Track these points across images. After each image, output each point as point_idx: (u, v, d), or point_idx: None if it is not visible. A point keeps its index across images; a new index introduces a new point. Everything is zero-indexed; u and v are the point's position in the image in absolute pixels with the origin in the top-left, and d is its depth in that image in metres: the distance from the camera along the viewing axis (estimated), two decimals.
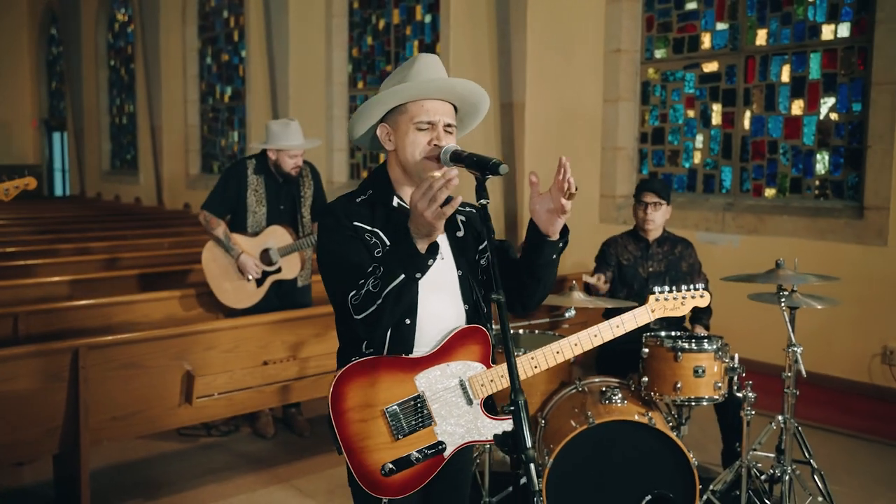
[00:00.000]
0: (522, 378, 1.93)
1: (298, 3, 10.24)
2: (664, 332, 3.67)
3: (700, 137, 6.58)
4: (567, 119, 7.20)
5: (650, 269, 4.07)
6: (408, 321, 1.97)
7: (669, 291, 2.29)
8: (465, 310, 2.05)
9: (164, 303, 4.79)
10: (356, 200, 2.04)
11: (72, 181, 17.42)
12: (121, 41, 15.32)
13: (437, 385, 1.98)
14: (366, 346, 1.99)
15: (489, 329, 2.06)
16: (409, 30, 9.19)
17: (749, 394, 3.47)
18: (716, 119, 6.47)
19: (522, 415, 1.68)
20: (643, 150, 6.97)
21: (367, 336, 1.95)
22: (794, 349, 3.45)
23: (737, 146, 6.33)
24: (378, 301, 1.83)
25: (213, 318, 4.93)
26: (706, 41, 6.51)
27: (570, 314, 3.64)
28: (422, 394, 1.97)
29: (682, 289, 2.31)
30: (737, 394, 3.55)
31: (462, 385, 2.00)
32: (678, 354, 3.45)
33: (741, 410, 3.54)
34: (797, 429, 3.66)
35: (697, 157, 6.62)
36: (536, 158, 7.32)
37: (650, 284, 4.05)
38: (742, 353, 3.62)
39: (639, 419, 3.32)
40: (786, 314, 3.49)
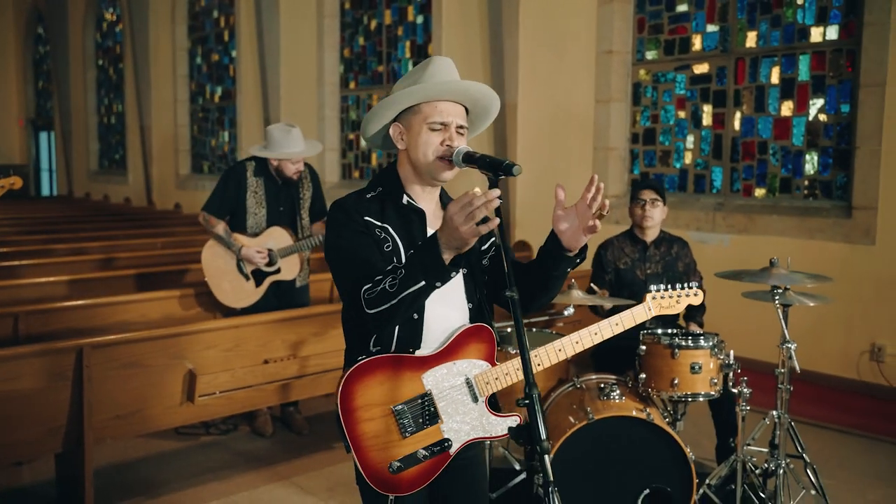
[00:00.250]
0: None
1: (289, 4, 10.25)
2: (661, 330, 3.72)
3: (691, 138, 6.67)
4: (559, 119, 7.26)
5: (648, 272, 4.11)
6: (415, 315, 2.01)
7: (665, 290, 2.37)
8: (469, 308, 2.09)
9: (163, 302, 4.81)
10: (366, 196, 2.08)
11: (59, 181, 17.33)
12: (109, 41, 15.26)
13: (444, 383, 2.02)
14: (373, 344, 2.02)
15: (493, 327, 2.10)
16: (401, 30, 9.22)
17: (744, 389, 3.54)
18: (706, 120, 6.55)
19: (537, 408, 1.73)
20: (634, 151, 7.04)
21: (377, 330, 1.97)
22: (788, 346, 3.52)
23: (727, 147, 6.41)
24: (393, 301, 1.86)
25: (212, 318, 4.96)
26: (697, 43, 6.60)
27: (569, 312, 3.69)
28: (429, 392, 2.01)
29: (677, 287, 2.41)
30: (732, 389, 3.62)
31: (468, 383, 2.04)
32: (675, 351, 3.51)
33: (736, 406, 3.60)
34: (790, 424, 3.73)
35: (688, 158, 6.70)
36: (529, 158, 7.37)
37: (648, 286, 4.09)
38: (734, 351, 3.69)
39: (637, 415, 3.38)
40: (780, 312, 3.56)
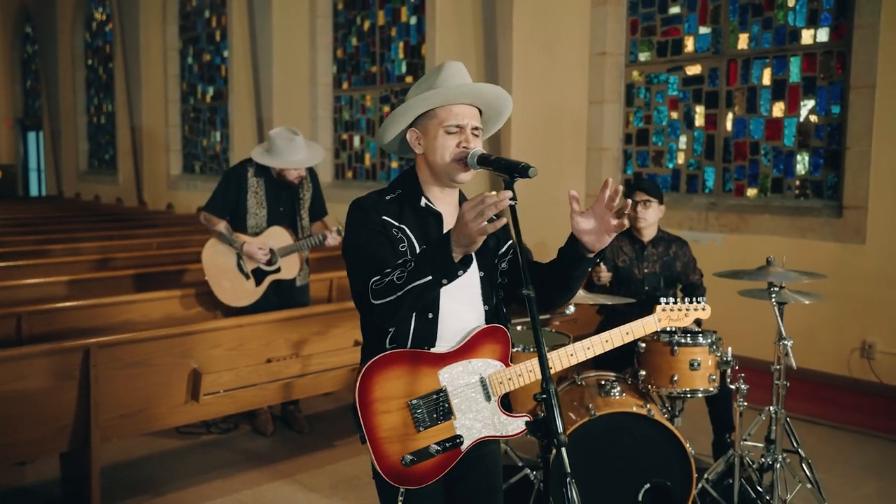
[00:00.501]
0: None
1: (282, 4, 10.26)
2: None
3: (683, 138, 6.75)
4: (553, 120, 7.32)
5: (645, 271, 4.18)
6: (430, 315, 2.06)
7: (675, 303, 2.49)
8: (486, 310, 2.14)
9: (164, 302, 4.83)
10: (385, 198, 2.13)
11: (48, 181, 17.25)
12: (98, 40, 15.21)
13: (459, 381, 2.07)
14: (389, 342, 2.07)
15: (508, 329, 2.16)
16: (395, 31, 9.26)
17: (742, 385, 3.61)
18: (699, 121, 6.64)
19: (554, 402, 1.79)
20: (628, 151, 7.12)
21: (382, 322, 2.01)
22: (785, 342, 3.60)
23: (719, 147, 6.50)
24: (398, 293, 1.90)
25: (212, 317, 4.99)
26: (689, 45, 6.68)
27: (570, 311, 3.75)
28: (444, 388, 2.05)
29: (686, 301, 2.53)
30: (730, 386, 3.69)
31: (482, 382, 2.09)
32: (674, 348, 3.59)
33: (734, 402, 3.68)
34: (786, 419, 3.81)
35: (681, 158, 6.78)
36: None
37: (645, 285, 4.18)
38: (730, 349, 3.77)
39: (637, 411, 3.44)
40: (776, 309, 3.63)
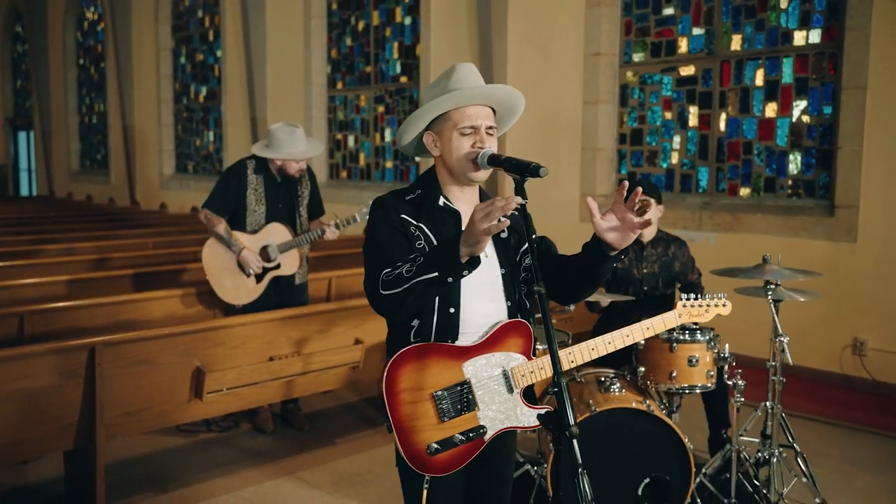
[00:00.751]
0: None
1: (276, 5, 10.29)
2: None
3: (677, 138, 6.82)
4: (548, 120, 7.38)
5: (644, 271, 4.23)
6: (452, 310, 2.13)
7: (696, 299, 2.46)
8: (508, 306, 2.20)
9: (165, 301, 4.86)
10: (405, 198, 2.21)
11: (39, 181, 17.19)
12: (90, 40, 15.18)
13: (482, 373, 2.13)
14: (414, 335, 2.14)
15: (531, 323, 2.21)
16: (389, 31, 9.30)
17: (739, 382, 3.67)
18: (692, 121, 6.71)
19: (565, 395, 1.84)
20: (622, 151, 7.18)
21: (388, 314, 2.10)
22: (781, 339, 3.66)
23: (713, 147, 6.57)
24: (406, 285, 1.98)
25: (211, 316, 5.02)
26: (683, 46, 6.75)
27: (570, 308, 3.80)
28: (468, 380, 2.12)
29: (707, 297, 2.49)
30: (727, 382, 3.75)
31: (505, 374, 2.15)
32: (673, 345, 3.64)
33: (731, 398, 3.74)
34: (782, 415, 3.87)
35: (675, 158, 6.85)
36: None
37: (644, 285, 4.23)
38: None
39: (637, 406, 3.50)
40: (772, 306, 3.70)
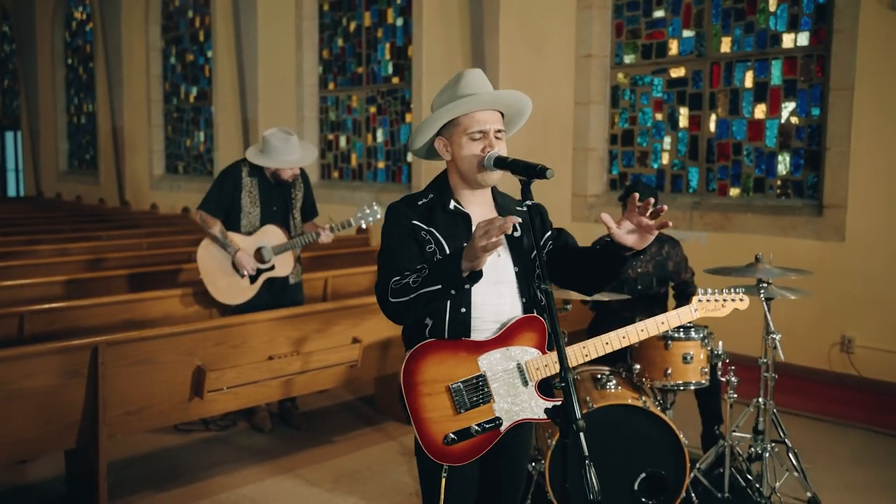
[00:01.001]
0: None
1: (267, 5, 10.30)
2: None
3: (668, 139, 6.90)
4: (540, 121, 7.43)
5: (639, 270, 4.30)
6: (463, 310, 2.20)
7: (713, 293, 2.47)
8: (523, 303, 2.27)
9: (163, 301, 4.88)
10: (418, 203, 2.28)
11: (26, 181, 17.10)
12: (79, 39, 15.12)
13: (497, 367, 2.21)
14: (429, 332, 2.21)
15: (546, 319, 2.27)
16: (381, 32, 9.33)
17: (732, 378, 3.75)
18: (683, 122, 6.79)
19: (572, 390, 1.90)
20: (613, 152, 7.26)
21: (396, 319, 2.17)
22: (773, 336, 3.74)
23: (703, 148, 6.66)
24: (412, 295, 2.07)
25: (208, 315, 5.05)
26: (673, 48, 6.83)
27: (567, 307, 3.86)
28: (483, 374, 2.19)
29: (724, 292, 2.50)
30: (721, 378, 3.83)
31: (519, 368, 2.22)
32: (668, 343, 3.71)
33: (724, 394, 3.82)
34: (773, 411, 3.95)
35: (665, 158, 6.93)
36: None
37: (638, 284, 4.31)
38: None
39: (633, 402, 3.57)
40: (764, 305, 3.78)
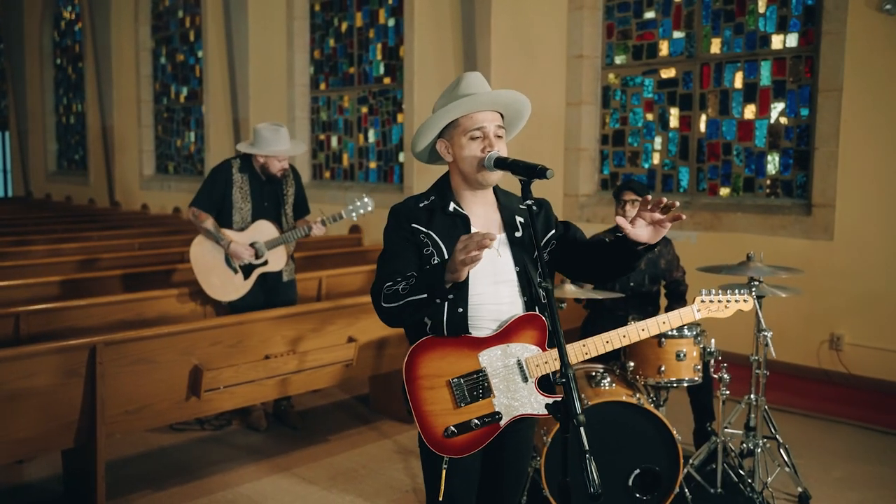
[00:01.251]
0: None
1: (258, 6, 10.30)
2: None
3: (658, 139, 6.96)
4: (531, 121, 7.33)
5: None
6: (460, 310, 2.24)
7: (716, 293, 2.46)
8: (524, 301, 2.31)
9: (159, 301, 4.89)
10: (419, 205, 2.32)
11: (14, 182, 17.02)
12: (68, 39, 15.06)
13: (498, 363, 2.25)
14: (430, 329, 2.26)
15: (547, 317, 2.30)
16: (372, 33, 9.36)
17: (725, 375, 3.81)
18: (673, 122, 6.86)
19: (572, 385, 1.94)
20: (604, 152, 7.32)
21: (386, 322, 2.25)
22: (765, 333, 3.80)
23: (693, 148, 6.73)
24: (400, 302, 2.15)
25: (204, 315, 5.06)
26: (664, 48, 6.89)
27: (562, 306, 3.90)
28: (484, 369, 2.23)
29: (728, 293, 2.49)
30: (713, 375, 3.88)
31: (519, 364, 2.26)
32: (662, 340, 3.76)
33: (717, 391, 3.87)
34: (765, 407, 4.01)
35: (656, 158, 6.99)
36: None
37: (630, 281, 4.35)
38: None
39: (627, 399, 3.61)
40: (756, 303, 3.83)
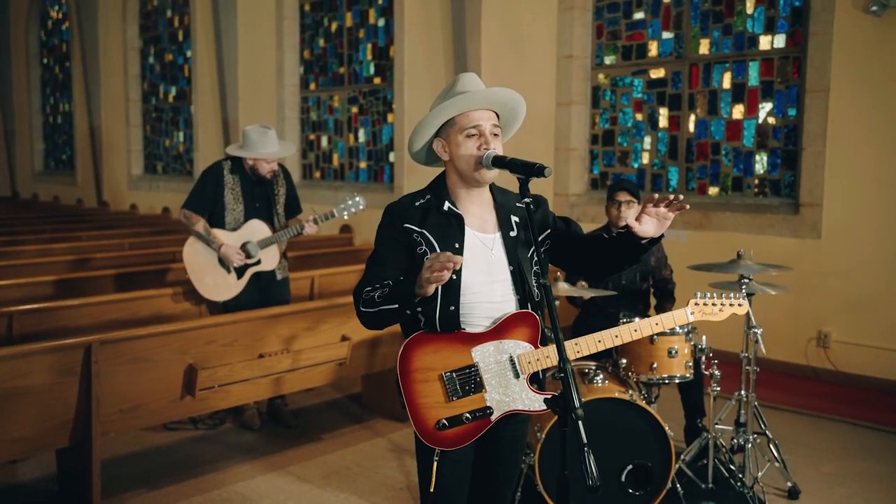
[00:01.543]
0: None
1: (247, 5, 10.29)
2: (638, 319, 4.00)
3: (648, 139, 7.02)
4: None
5: None
6: (451, 308, 2.27)
7: (710, 297, 2.47)
8: (517, 299, 2.34)
9: (153, 300, 4.90)
10: (415, 203, 2.34)
11: (1, 182, 16.91)
12: (54, 39, 14.99)
13: (490, 358, 2.28)
14: (422, 326, 2.30)
15: (540, 315, 2.34)
16: (363, 33, 9.37)
17: (716, 372, 3.85)
18: (662, 122, 6.92)
19: (570, 380, 1.97)
20: (594, 151, 7.37)
21: (363, 325, 2.31)
22: (755, 330, 3.85)
23: (682, 147, 6.79)
24: (374, 309, 2.22)
25: (197, 314, 5.07)
26: (653, 49, 6.95)
27: (555, 303, 3.93)
28: (476, 364, 2.27)
29: (723, 296, 2.49)
30: (704, 372, 3.93)
31: (511, 360, 2.29)
32: (654, 337, 3.80)
33: (708, 387, 3.92)
34: (755, 404, 4.06)
35: (646, 158, 7.05)
36: None
37: (622, 279, 4.39)
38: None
39: (619, 396, 3.65)
40: (746, 300, 3.87)
